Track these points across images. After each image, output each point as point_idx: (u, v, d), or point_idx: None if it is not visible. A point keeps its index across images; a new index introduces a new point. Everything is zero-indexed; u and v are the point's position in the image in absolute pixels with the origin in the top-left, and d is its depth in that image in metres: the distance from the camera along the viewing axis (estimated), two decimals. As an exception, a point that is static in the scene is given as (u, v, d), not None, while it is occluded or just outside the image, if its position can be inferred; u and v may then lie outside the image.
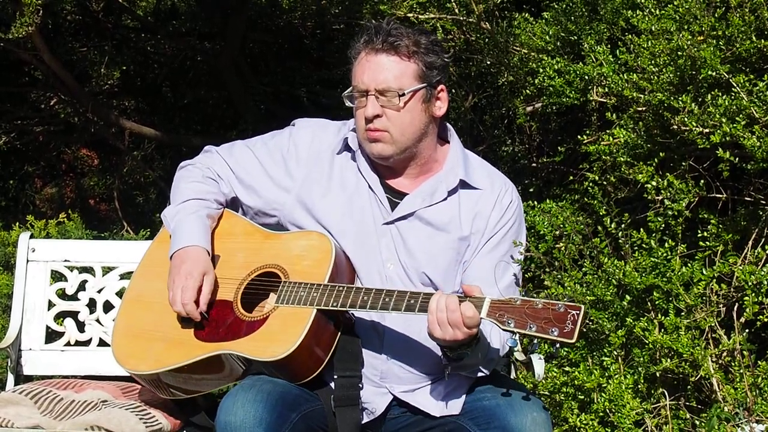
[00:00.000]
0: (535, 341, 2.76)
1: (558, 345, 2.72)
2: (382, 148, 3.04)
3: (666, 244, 4.16)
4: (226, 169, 3.26)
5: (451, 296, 2.80)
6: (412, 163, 3.13)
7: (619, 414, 4.00)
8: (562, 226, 4.27)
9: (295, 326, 2.93)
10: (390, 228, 3.10)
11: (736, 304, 4.13)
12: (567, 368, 4.40)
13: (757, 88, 4.04)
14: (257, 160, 3.22)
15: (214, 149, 3.32)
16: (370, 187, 3.12)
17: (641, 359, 4.14)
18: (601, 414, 4.09)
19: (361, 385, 3.00)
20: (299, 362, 2.94)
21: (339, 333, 3.00)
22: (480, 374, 3.05)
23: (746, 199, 4.46)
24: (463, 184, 3.13)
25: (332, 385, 3.01)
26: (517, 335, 2.75)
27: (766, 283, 3.97)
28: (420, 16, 5.34)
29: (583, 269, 4.44)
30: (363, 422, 3.04)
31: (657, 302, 4.13)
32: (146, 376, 3.15)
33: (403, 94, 2.98)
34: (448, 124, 3.25)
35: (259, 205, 3.23)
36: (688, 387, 4.17)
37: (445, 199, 3.11)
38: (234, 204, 3.30)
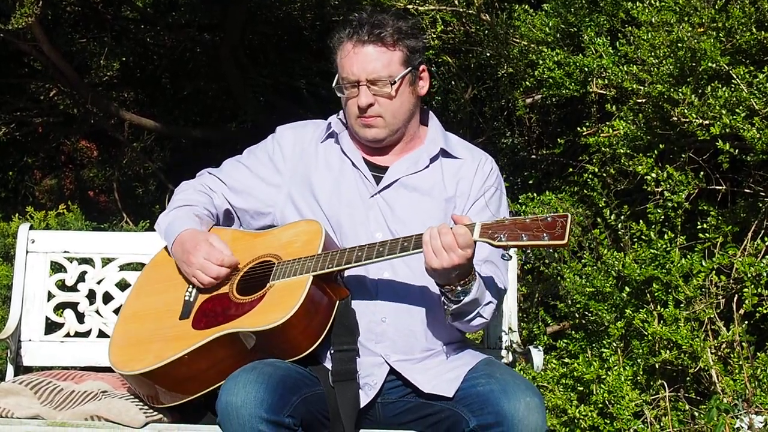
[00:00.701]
0: (529, 251, 2.82)
1: (552, 250, 2.78)
2: (377, 132, 3.18)
3: (665, 236, 4.17)
4: (217, 183, 3.38)
5: (441, 224, 2.89)
6: (400, 142, 3.25)
7: (619, 405, 4.02)
8: (561, 218, 4.26)
9: (292, 294, 2.96)
10: (376, 199, 3.18)
11: (736, 295, 4.15)
12: (566, 360, 4.41)
13: (757, 79, 4.05)
14: (246, 168, 3.35)
15: (206, 171, 3.46)
16: (354, 164, 3.23)
17: (640, 351, 4.15)
18: (600, 405, 4.10)
19: (358, 356, 3.04)
20: (297, 331, 2.95)
21: (336, 302, 3.03)
22: (481, 321, 3.07)
23: (746, 191, 4.47)
24: (444, 153, 3.25)
25: (328, 362, 3.03)
26: (511, 250, 2.86)
27: (765, 274, 3.99)
28: (420, 8, 5.33)
29: (583, 261, 4.46)
30: (364, 404, 3.05)
31: (656, 294, 4.15)
32: (147, 375, 3.13)
33: (394, 82, 3.12)
34: (428, 109, 3.38)
35: (255, 206, 3.32)
36: (688, 378, 4.18)
37: (428, 166, 3.22)
38: (228, 218, 3.39)
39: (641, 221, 4.25)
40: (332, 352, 3.02)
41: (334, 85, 3.20)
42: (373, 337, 3.09)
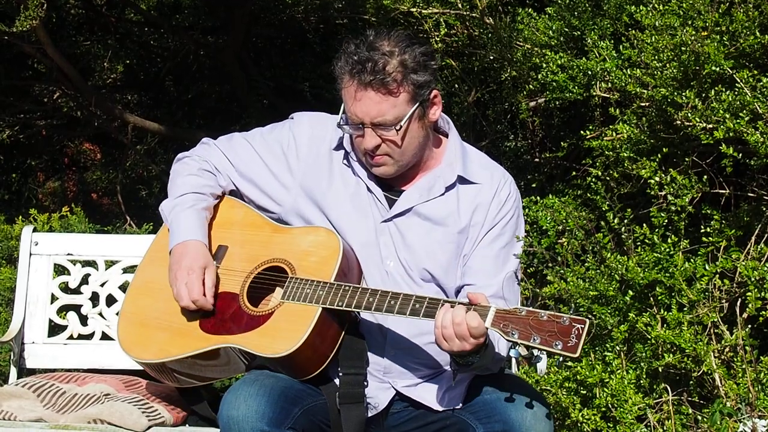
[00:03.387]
0: (538, 353, 2.75)
1: (561, 359, 2.74)
2: (386, 170, 3.07)
3: (669, 240, 4.16)
4: (224, 162, 3.26)
5: (456, 309, 2.79)
6: (413, 168, 3.15)
7: (622, 409, 4.01)
8: (564, 221, 4.28)
9: (300, 324, 2.93)
10: (388, 225, 3.11)
11: (739, 299, 4.13)
12: (569, 363, 4.40)
13: (761, 83, 4.05)
14: (257, 154, 3.22)
15: (211, 141, 3.33)
16: (368, 188, 3.13)
17: (644, 354, 4.14)
18: (603, 409, 4.09)
19: (366, 383, 3.01)
20: (302, 359, 2.95)
21: (343, 332, 3.01)
22: (488, 373, 3.05)
23: (749, 194, 4.47)
24: (462, 180, 3.14)
25: (337, 381, 3.01)
26: (521, 346, 2.75)
27: (768, 278, 3.98)
28: (423, 11, 5.34)
29: (586, 264, 4.44)
30: (367, 417, 3.04)
31: (659, 297, 4.14)
32: (150, 365, 3.15)
33: (400, 127, 2.98)
34: (445, 116, 3.24)
35: (261, 201, 3.23)
36: (691, 382, 4.17)
37: (443, 194, 3.12)
38: (233, 195, 3.31)
39: (644, 225, 4.24)
40: (341, 374, 3.00)
41: (339, 119, 3.06)
42: (380, 368, 3.07)
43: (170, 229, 3.20)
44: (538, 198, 4.79)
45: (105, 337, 3.85)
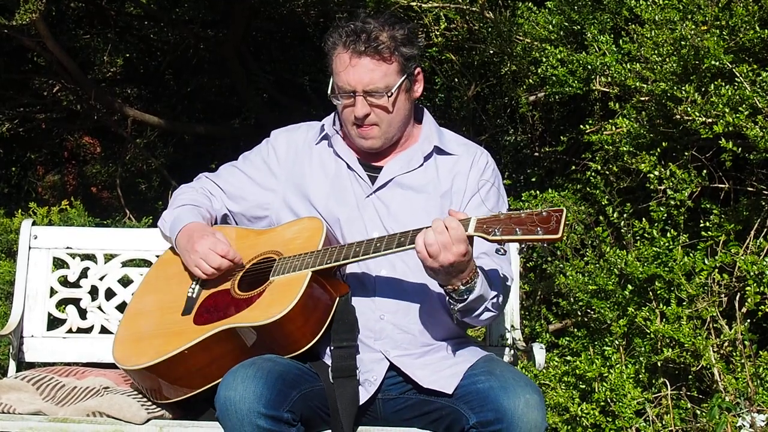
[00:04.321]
0: (523, 245, 2.88)
1: (546, 244, 2.81)
2: (373, 142, 3.21)
3: (668, 234, 4.18)
4: (215, 188, 3.42)
5: (435, 221, 2.87)
6: (395, 144, 3.27)
7: (620, 403, 4.03)
8: (564, 215, 4.27)
9: (291, 289, 2.98)
10: (372, 199, 3.21)
11: (738, 294, 4.15)
12: (568, 358, 4.42)
13: (761, 78, 4.05)
14: (242, 173, 3.38)
15: (203, 175, 3.51)
16: (348, 166, 3.25)
17: (642, 349, 4.16)
18: (602, 403, 4.11)
19: (358, 353, 3.05)
20: (296, 326, 2.97)
21: (336, 298, 3.05)
22: (490, 314, 3.07)
23: (748, 189, 4.47)
24: (438, 150, 3.26)
25: (328, 358, 3.05)
26: (505, 244, 2.84)
27: (767, 273, 3.99)
28: (423, 5, 5.33)
29: (585, 259, 4.46)
30: (364, 400, 3.05)
31: (659, 292, 4.16)
32: (150, 369, 3.14)
33: (391, 94, 3.14)
34: (423, 107, 3.38)
35: (251, 209, 3.36)
36: (690, 377, 4.19)
37: (422, 165, 3.24)
38: (225, 223, 3.43)
39: (644, 219, 4.26)
40: (332, 348, 3.03)
41: (329, 91, 3.20)
42: (372, 334, 3.11)
43: (170, 228, 3.31)
44: (538, 192, 4.80)
45: (104, 330, 3.84)
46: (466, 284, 2.92)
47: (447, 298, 3.00)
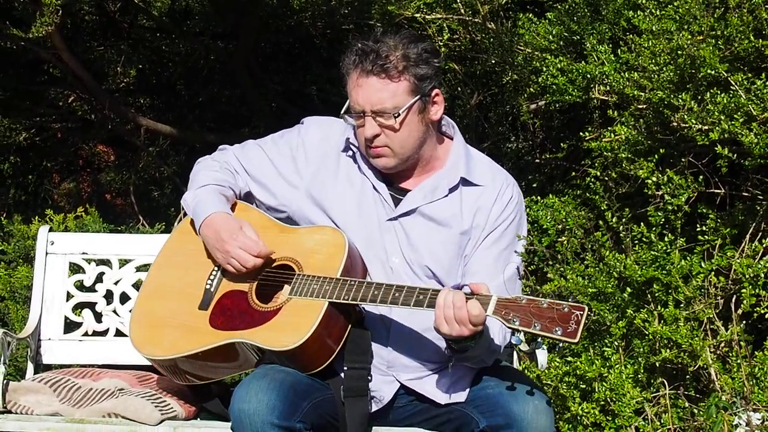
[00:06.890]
0: (539, 339, 2.80)
1: (561, 344, 2.78)
2: (386, 162, 3.14)
3: (666, 238, 4.17)
4: (239, 166, 3.37)
5: (458, 293, 2.85)
6: (416, 167, 3.21)
7: (620, 403, 4.02)
8: (564, 220, 4.29)
9: (307, 318, 2.99)
10: (394, 224, 3.17)
11: (734, 296, 4.13)
12: (569, 358, 4.43)
13: (755, 86, 4.07)
14: (268, 158, 3.31)
15: (228, 148, 3.43)
16: (374, 186, 3.20)
17: (641, 350, 4.15)
18: (602, 403, 4.11)
19: (370, 377, 3.07)
20: (310, 353, 3.01)
21: (349, 326, 3.07)
22: (482, 365, 3.13)
23: (744, 194, 4.48)
24: (465, 182, 3.20)
25: (342, 375, 3.07)
26: (522, 333, 2.82)
27: (763, 275, 3.97)
28: (427, 17, 5.34)
29: (585, 262, 4.45)
30: (372, 411, 3.10)
31: (657, 294, 4.14)
32: (162, 362, 3.22)
33: (398, 115, 3.05)
34: (450, 120, 3.31)
35: (271, 202, 3.32)
36: (687, 377, 4.18)
37: (446, 195, 3.19)
38: (248, 199, 3.39)
39: (642, 224, 4.23)
40: (345, 368, 3.05)
41: (343, 111, 3.14)
42: (384, 362, 3.13)
43: (194, 211, 3.26)
44: (539, 198, 4.79)
45: (119, 333, 3.88)
46: (468, 341, 2.93)
47: (445, 344, 3.02)
